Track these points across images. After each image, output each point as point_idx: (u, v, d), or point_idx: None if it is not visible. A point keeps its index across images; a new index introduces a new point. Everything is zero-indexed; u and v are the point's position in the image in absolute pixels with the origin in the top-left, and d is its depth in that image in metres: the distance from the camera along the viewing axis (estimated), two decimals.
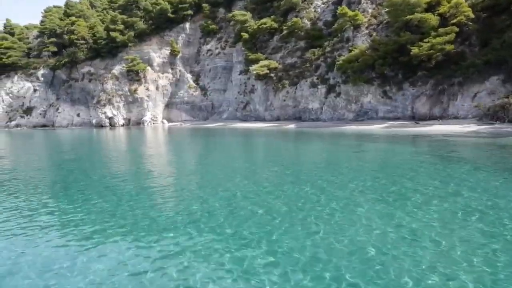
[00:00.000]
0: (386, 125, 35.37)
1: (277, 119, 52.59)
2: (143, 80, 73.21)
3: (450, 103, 34.63)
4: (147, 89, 73.11)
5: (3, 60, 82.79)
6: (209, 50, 72.32)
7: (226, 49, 69.91)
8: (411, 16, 36.51)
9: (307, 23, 55.34)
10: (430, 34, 35.68)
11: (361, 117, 40.89)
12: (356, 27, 43.48)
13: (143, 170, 15.50)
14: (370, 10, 44.00)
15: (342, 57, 42.00)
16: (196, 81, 72.77)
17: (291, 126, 44.81)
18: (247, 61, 61.21)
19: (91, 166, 16.87)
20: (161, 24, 75.40)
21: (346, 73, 41.97)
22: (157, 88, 73.69)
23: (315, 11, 56.82)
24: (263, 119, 55.08)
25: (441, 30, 35.20)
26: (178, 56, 74.19)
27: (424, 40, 35.36)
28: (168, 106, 74.86)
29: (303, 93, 47.82)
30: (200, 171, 14.85)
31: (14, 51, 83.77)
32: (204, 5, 73.41)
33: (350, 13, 42.64)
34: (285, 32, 56.41)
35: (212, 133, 42.13)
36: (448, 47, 34.37)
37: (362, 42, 42.52)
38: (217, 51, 70.73)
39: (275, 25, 57.63)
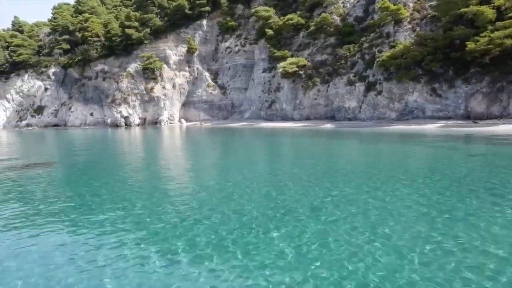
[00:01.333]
0: (440, 124, 32.66)
1: (307, 118, 49.77)
2: (159, 78, 70.16)
3: (510, 101, 31.98)
4: (164, 87, 70.07)
5: (13, 58, 79.47)
6: (228, 47, 69.31)
7: (246, 46, 66.95)
8: (465, 9, 33.77)
9: (337, 19, 52.56)
10: (486, 28, 33.00)
11: (405, 116, 38.16)
12: (398, 22, 40.73)
13: (188, 181, 12.55)
14: (411, 4, 41.27)
15: (385, 53, 39.21)
16: (215, 79, 69.78)
17: (328, 125, 41.99)
18: (271, 59, 58.40)
19: (119, 169, 14.05)
20: (177, 21, 72.30)
21: (389, 70, 39.25)
22: (173, 87, 70.66)
23: (343, 6, 54.04)
24: (290, 119, 52.26)
25: (499, 23, 32.52)
26: (195, 54, 71.17)
27: (481, 35, 32.66)
28: (184, 105, 71.85)
29: (338, 91, 45.02)
30: (248, 180, 11.77)
31: (25, 49, 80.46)
32: (222, 1, 70.41)
33: (392, 6, 39.87)
34: (312, 28, 53.59)
35: (239, 134, 39.17)
36: (508, 41, 31.69)
37: (404, 38, 39.78)
38: (236, 48, 67.74)
39: (302, 21, 54.76)
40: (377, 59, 40.35)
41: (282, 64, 52.20)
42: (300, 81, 51.11)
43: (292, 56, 54.85)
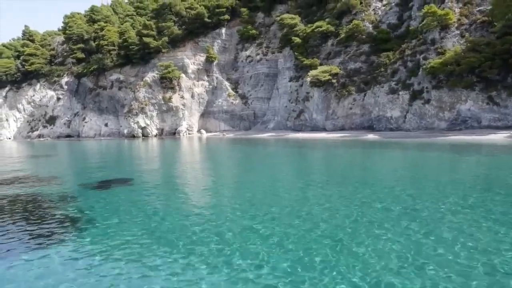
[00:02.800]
0: (507, 134, 29.84)
1: (342, 128, 46.89)
2: (177, 88, 67.33)
3: None
4: (182, 97, 67.20)
5: (25, 67, 76.62)
6: (248, 56, 66.76)
7: (269, 55, 64.44)
8: None
9: (369, 26, 50.19)
10: None
11: (457, 126, 35.33)
12: (444, 28, 38.23)
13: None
14: (457, 10, 38.90)
15: (433, 60, 36.58)
16: (235, 89, 67.01)
17: (370, 136, 39.08)
18: (297, 68, 55.89)
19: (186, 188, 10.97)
20: (195, 30, 69.94)
21: (437, 78, 36.58)
22: (192, 96, 67.81)
23: (375, 13, 51.76)
24: (322, 129, 49.37)
25: None
26: (215, 63, 68.56)
27: None
28: (203, 115, 68.90)
29: (378, 100, 42.26)
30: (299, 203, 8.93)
31: (37, 58, 77.71)
32: (242, 9, 68.16)
33: (439, 11, 37.39)
34: (343, 35, 51.19)
35: (270, 145, 36.05)
36: None
37: (453, 44, 37.23)
38: (258, 57, 65.20)
39: (332, 28, 52.34)
40: (423, 66, 37.71)
41: (313, 72, 49.58)
42: (333, 90, 48.39)
43: (320, 64, 52.34)
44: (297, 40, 54.68)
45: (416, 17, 42.96)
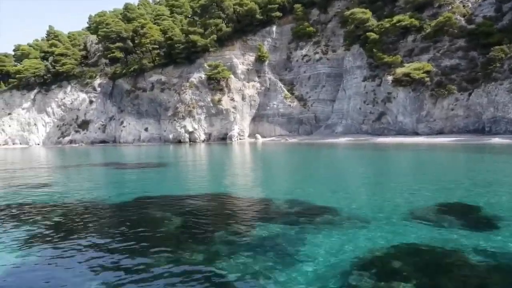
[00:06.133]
0: None
1: (440, 132, 40.62)
2: (226, 89, 60.80)
3: None
4: (232, 99, 60.63)
5: (56, 68, 69.53)
6: (305, 55, 60.51)
7: (329, 53, 58.34)
8: None
9: (461, 19, 44.36)
10: None
11: None
12: None
13: None
14: None
15: None
16: (290, 90, 60.66)
17: (496, 139, 32.86)
18: (371, 66, 49.80)
19: None
20: (244, 27, 63.73)
21: None
22: (243, 99, 61.25)
23: (463, 6, 46.01)
24: (411, 133, 43.07)
25: None
26: (266, 63, 62.25)
27: None
28: (254, 119, 62.31)
29: (495, 99, 36.14)
30: None
31: (68, 58, 70.63)
32: (296, 5, 62.11)
33: None
34: (429, 30, 45.31)
35: (366, 153, 29.55)
36: None
37: None
38: (317, 56, 58.95)
39: (416, 22, 46.40)
40: None
41: (402, 70, 43.49)
42: (425, 89, 42.22)
43: (401, 62, 46.32)
44: (373, 36, 48.58)
45: None
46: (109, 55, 66.89)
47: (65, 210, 9.73)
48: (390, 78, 45.86)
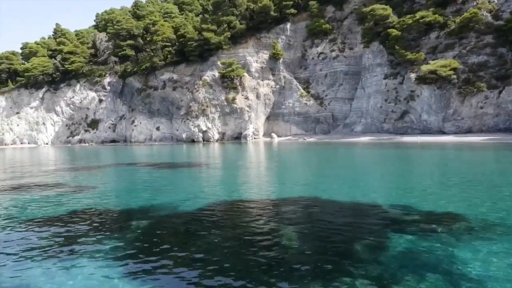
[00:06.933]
0: None
1: (468, 131, 39.27)
2: (239, 88, 59.39)
3: None
4: (247, 98, 59.21)
5: (65, 66, 68.02)
6: (321, 53, 59.09)
7: (346, 51, 56.93)
8: None
9: (487, 15, 43.01)
10: None
11: None
12: None
13: None
14: None
15: None
16: (306, 88, 59.25)
17: None
18: (392, 63, 48.45)
19: None
20: (257, 25, 62.28)
21: None
22: (257, 97, 59.83)
23: (489, 1, 44.63)
24: (436, 131, 41.74)
25: None
26: (280, 61, 60.85)
27: None
28: (269, 118, 60.92)
29: None
30: None
31: (77, 56, 69.10)
32: (311, 2, 60.65)
33: None
34: (453, 26, 43.96)
35: (402, 153, 28.05)
36: None
37: None
38: (333, 54, 57.52)
39: (439, 18, 45.02)
40: None
41: (426, 67, 42.11)
42: (452, 87, 40.86)
43: (425, 59, 44.98)
44: (394, 32, 47.21)
45: None
46: (119, 53, 65.36)
47: (142, 218, 8.31)
48: (413, 75, 44.53)
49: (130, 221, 8.28)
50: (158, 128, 64.11)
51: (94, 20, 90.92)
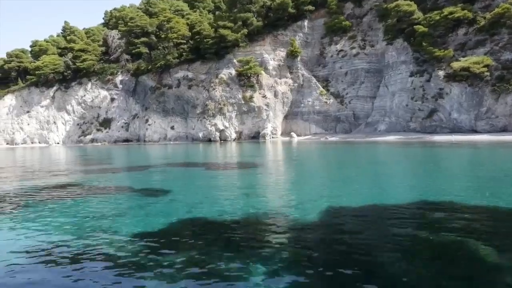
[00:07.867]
0: None
1: (503, 129, 37.96)
2: (257, 86, 57.92)
3: None
4: (264, 96, 57.75)
5: (77, 64, 66.38)
6: (340, 50, 57.65)
7: (367, 48, 55.53)
8: None
9: None
10: None
11: None
12: None
13: None
14: None
15: None
16: (325, 87, 57.82)
17: None
18: (418, 61, 47.08)
19: None
20: (274, 22, 60.81)
21: None
22: (275, 96, 58.38)
23: None
24: (468, 130, 40.39)
25: None
26: (298, 58, 59.40)
27: None
28: (287, 117, 59.49)
29: None
30: None
31: (89, 54, 67.47)
32: None
33: None
34: (483, 22, 42.62)
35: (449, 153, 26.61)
36: None
37: None
38: (354, 51, 56.12)
39: (469, 14, 43.68)
40: None
41: (458, 64, 40.78)
42: (484, 84, 39.53)
43: (453, 56, 43.64)
44: (421, 29, 45.82)
45: None
46: (133, 51, 63.73)
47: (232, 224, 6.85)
48: (441, 73, 43.24)
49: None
50: (172, 127, 62.57)
51: (103, 18, 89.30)
